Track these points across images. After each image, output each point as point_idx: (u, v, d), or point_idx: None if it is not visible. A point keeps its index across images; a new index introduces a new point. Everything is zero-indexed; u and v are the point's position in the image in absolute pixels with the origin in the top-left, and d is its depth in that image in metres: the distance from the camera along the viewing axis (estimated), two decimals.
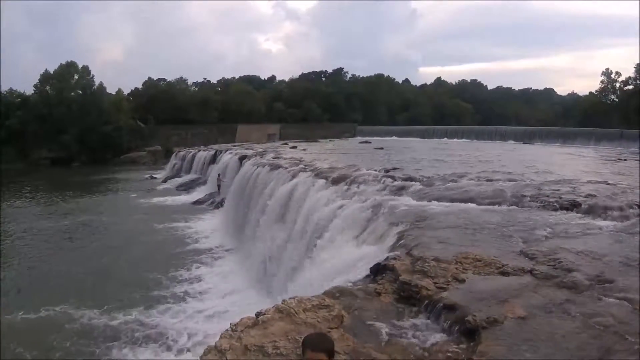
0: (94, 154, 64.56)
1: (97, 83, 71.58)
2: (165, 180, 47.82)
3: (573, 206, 11.42)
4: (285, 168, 23.10)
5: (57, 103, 65.37)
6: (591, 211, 10.93)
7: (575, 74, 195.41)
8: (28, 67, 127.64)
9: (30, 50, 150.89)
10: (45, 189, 43.27)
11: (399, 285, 6.80)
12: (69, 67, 69.16)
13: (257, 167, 26.49)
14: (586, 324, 5.28)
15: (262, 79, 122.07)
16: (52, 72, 68.63)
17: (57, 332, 13.69)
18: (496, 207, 11.88)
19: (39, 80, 68.64)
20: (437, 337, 5.54)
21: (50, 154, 63.62)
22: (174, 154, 56.12)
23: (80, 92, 69.29)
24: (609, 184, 15.26)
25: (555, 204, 11.67)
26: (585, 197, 12.34)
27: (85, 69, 70.40)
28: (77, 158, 64.62)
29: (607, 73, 75.46)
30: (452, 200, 12.79)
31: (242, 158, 33.47)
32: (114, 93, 75.81)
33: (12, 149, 59.66)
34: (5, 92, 68.10)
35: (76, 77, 69.77)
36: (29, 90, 69.29)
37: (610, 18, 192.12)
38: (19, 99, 67.90)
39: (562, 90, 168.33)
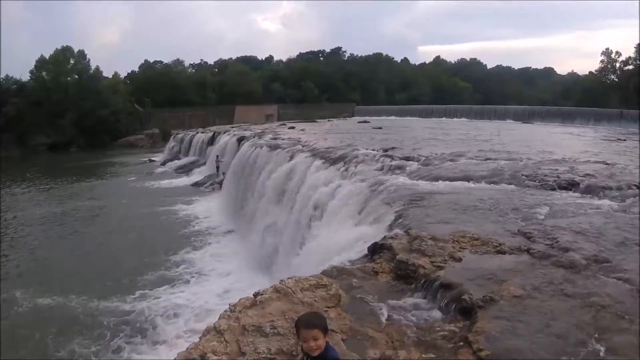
0: (91, 138, 64.41)
1: (93, 67, 71.47)
2: (163, 163, 47.80)
3: (571, 186, 11.45)
4: (284, 148, 23.09)
5: (53, 88, 65.18)
6: (589, 191, 10.96)
7: (575, 54, 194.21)
8: (24, 53, 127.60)
9: (25, 35, 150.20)
10: (44, 174, 43.14)
11: (396, 264, 6.83)
12: (64, 52, 68.79)
13: (256, 148, 26.47)
14: (583, 303, 5.30)
15: (260, 59, 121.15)
16: (47, 58, 68.20)
17: (52, 318, 13.75)
18: (494, 186, 11.90)
19: (35, 66, 68.27)
20: (434, 315, 5.57)
21: (48, 140, 63.42)
22: (172, 136, 56.04)
23: (76, 76, 69.04)
24: (607, 164, 15.26)
25: (553, 183, 11.69)
26: (583, 176, 12.37)
27: (81, 54, 70.05)
28: (75, 143, 64.50)
29: (607, 53, 74.98)
30: (450, 179, 12.79)
31: (241, 139, 33.42)
32: (110, 77, 75.60)
33: (10, 135, 59.45)
34: (1, 79, 67.86)
35: (72, 61, 69.45)
36: (25, 76, 69.12)
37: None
38: (15, 86, 67.68)
39: (562, 69, 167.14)
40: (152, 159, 51.28)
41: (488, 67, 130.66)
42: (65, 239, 22.27)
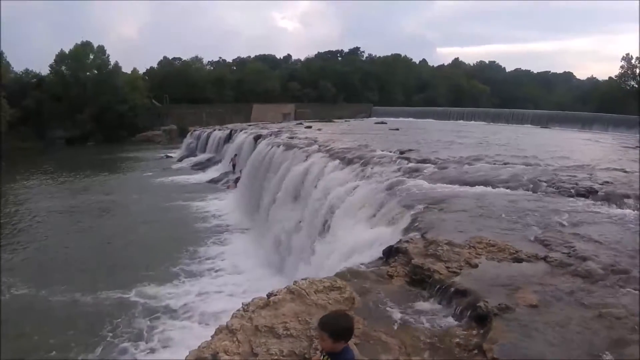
0: (109, 133, 64.91)
1: (112, 62, 71.85)
2: (180, 159, 48.02)
3: (589, 193, 11.30)
4: (300, 148, 23.09)
5: (72, 83, 65.85)
6: (608, 199, 10.80)
7: (595, 57, 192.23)
8: (43, 47, 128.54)
9: (45, 29, 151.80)
10: (61, 168, 43.60)
11: (411, 269, 6.78)
12: (84, 47, 69.35)
13: (272, 147, 26.50)
14: (599, 314, 5.22)
15: (278, 57, 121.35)
16: (67, 52, 68.85)
17: (66, 311, 13.95)
18: (512, 191, 11.78)
19: (55, 60, 68.91)
20: (448, 322, 5.53)
21: (66, 133, 64.08)
22: (189, 133, 56.25)
23: (95, 71, 69.53)
24: (626, 171, 15.05)
25: (571, 190, 11.57)
26: (602, 184, 12.23)
27: (101, 49, 70.57)
28: (93, 137, 65.05)
29: (627, 58, 73.74)
30: (467, 183, 12.69)
31: (257, 138, 33.49)
32: (129, 72, 76.04)
33: (29, 128, 60.13)
34: (21, 73, 68.70)
35: (91, 56, 69.98)
36: (44, 70, 69.80)
37: (632, 2, 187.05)
38: (34, 79, 68.37)
39: (581, 74, 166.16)
40: (169, 155, 51.51)
41: (507, 70, 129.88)
42: (79, 232, 22.52)
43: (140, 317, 13.42)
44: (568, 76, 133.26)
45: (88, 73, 68.96)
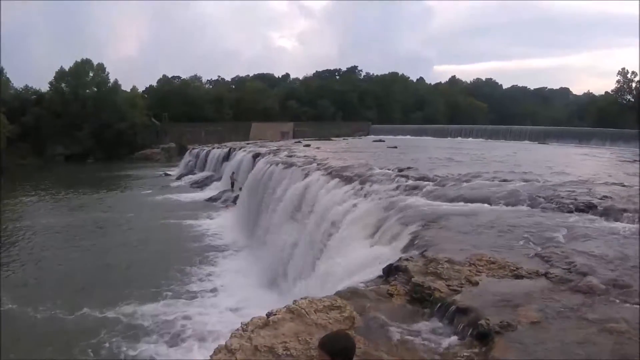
0: (108, 150, 65.12)
1: (112, 80, 72.21)
2: (179, 177, 48.06)
3: (589, 208, 11.28)
4: (299, 166, 23.11)
5: (72, 100, 66.13)
6: (607, 213, 10.78)
7: (592, 73, 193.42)
8: (44, 64, 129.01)
9: (45, 47, 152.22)
10: (59, 184, 43.64)
11: (411, 287, 6.75)
12: (84, 65, 69.85)
13: (271, 165, 26.53)
14: (601, 329, 5.20)
15: (277, 76, 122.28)
16: (67, 70, 69.23)
17: (57, 329, 13.84)
18: (511, 208, 11.78)
19: (54, 77, 69.40)
20: (450, 340, 5.48)
21: (65, 151, 64.34)
22: (188, 151, 56.42)
23: (95, 89, 69.86)
24: (625, 185, 15.05)
25: (570, 205, 11.55)
26: (601, 199, 12.21)
27: (100, 67, 71.04)
28: (92, 154, 65.25)
29: (623, 73, 74.19)
30: (466, 200, 12.69)
31: (256, 156, 33.59)
32: (128, 90, 76.48)
33: (28, 144, 60.23)
34: (20, 89, 69.01)
35: (91, 74, 70.44)
36: (44, 87, 70.13)
37: (629, 17, 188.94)
38: (34, 96, 68.69)
39: (578, 89, 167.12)
40: (168, 172, 51.56)
41: (503, 87, 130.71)
42: (73, 250, 22.34)
43: (120, 336, 13.30)
44: (565, 92, 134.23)
45: (87, 90, 69.40)
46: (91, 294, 16.15)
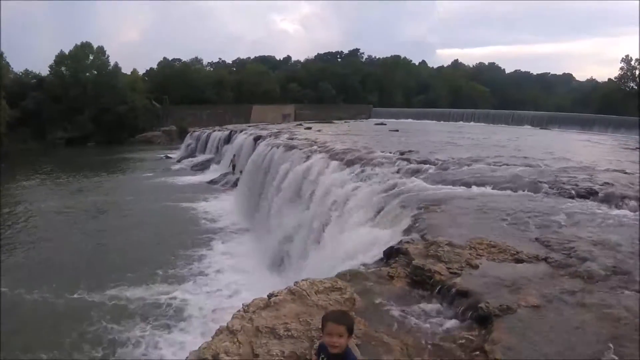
0: (109, 134, 64.87)
1: (112, 63, 71.76)
2: (180, 160, 48.03)
3: (590, 194, 11.30)
4: (300, 149, 23.08)
5: (72, 84, 65.72)
6: (608, 200, 10.80)
7: (595, 60, 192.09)
8: (44, 48, 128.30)
9: (47, 33, 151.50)
10: (60, 169, 43.56)
11: (412, 270, 6.77)
12: (84, 48, 69.27)
13: (272, 148, 26.50)
14: (600, 315, 5.22)
15: (278, 59, 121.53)
16: (67, 53, 68.75)
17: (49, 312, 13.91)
18: (512, 192, 11.77)
19: (54, 61, 68.75)
20: (450, 323, 5.51)
21: (65, 134, 63.98)
22: (189, 134, 56.28)
23: (95, 72, 69.44)
24: (626, 172, 15.03)
25: (571, 191, 11.55)
26: (602, 185, 12.22)
27: (100, 50, 70.46)
28: (93, 138, 65.01)
29: (626, 60, 73.57)
30: (467, 184, 12.69)
31: (257, 138, 33.51)
32: (129, 73, 76.03)
33: (28, 129, 60.05)
34: (20, 73, 68.60)
35: (91, 57, 69.86)
36: (44, 71, 69.71)
37: (633, 5, 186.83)
38: (34, 80, 68.30)
39: (581, 76, 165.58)
40: (169, 155, 51.53)
41: (506, 72, 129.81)
42: (73, 233, 22.43)
43: (115, 318, 13.38)
44: (568, 78, 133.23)
45: (88, 74, 68.83)
46: (90, 278, 16.19)
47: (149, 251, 19.19)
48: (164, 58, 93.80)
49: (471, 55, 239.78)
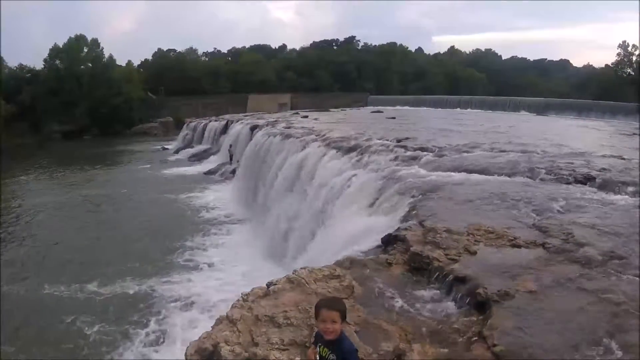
0: (105, 126, 64.55)
1: (106, 55, 71.24)
2: (177, 151, 47.89)
3: (587, 180, 11.31)
4: (297, 138, 23.03)
5: (67, 77, 65.25)
6: (605, 185, 10.82)
7: (592, 46, 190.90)
8: (38, 42, 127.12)
9: (41, 25, 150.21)
10: (57, 162, 43.37)
11: (410, 256, 6.79)
12: (78, 41, 68.67)
13: (269, 137, 26.45)
14: (598, 300, 5.25)
15: (273, 48, 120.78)
16: (61, 46, 68.26)
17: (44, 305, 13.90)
18: (509, 178, 11.79)
19: (49, 54, 68.11)
20: (448, 309, 5.55)
21: (61, 128, 63.58)
22: (185, 124, 56.04)
23: (90, 65, 68.99)
24: (623, 158, 15.05)
25: (569, 177, 11.57)
26: (599, 171, 12.24)
27: (95, 42, 69.86)
28: (89, 131, 64.71)
29: (624, 46, 73.13)
30: (464, 171, 12.69)
31: (254, 128, 33.44)
32: (124, 65, 75.59)
33: (24, 123, 59.74)
34: (15, 68, 68.17)
35: (85, 50, 69.30)
36: (39, 65, 69.23)
37: None
38: (29, 74, 67.85)
39: (577, 62, 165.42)
40: (165, 147, 51.38)
41: (503, 58, 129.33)
42: (70, 227, 22.29)
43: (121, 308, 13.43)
44: (564, 64, 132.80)
45: (82, 67, 68.30)
46: (87, 271, 16.15)
47: (146, 243, 19.06)
48: (159, 49, 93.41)
49: (468, 41, 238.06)
